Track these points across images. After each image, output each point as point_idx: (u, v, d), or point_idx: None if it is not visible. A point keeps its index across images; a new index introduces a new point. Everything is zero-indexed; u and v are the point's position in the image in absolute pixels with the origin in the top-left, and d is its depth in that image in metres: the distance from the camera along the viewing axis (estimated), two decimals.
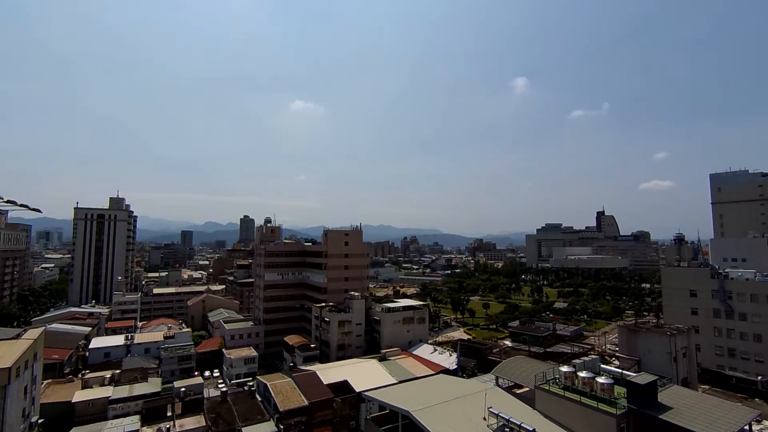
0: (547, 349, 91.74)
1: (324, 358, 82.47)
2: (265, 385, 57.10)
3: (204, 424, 49.81)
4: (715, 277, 77.88)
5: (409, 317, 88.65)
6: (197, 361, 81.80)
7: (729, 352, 75.08)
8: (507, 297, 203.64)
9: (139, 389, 59.43)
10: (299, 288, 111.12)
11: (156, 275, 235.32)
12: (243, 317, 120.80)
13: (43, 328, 61.69)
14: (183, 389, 57.30)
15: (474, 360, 79.99)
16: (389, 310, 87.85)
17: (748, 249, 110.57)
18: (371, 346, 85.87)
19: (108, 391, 57.77)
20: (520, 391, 44.53)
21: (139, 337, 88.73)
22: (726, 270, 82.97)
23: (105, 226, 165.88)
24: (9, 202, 66.67)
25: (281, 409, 51.38)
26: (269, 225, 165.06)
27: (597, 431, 33.89)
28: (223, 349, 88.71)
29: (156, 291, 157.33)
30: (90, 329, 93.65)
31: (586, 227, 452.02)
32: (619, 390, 37.32)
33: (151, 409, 52.54)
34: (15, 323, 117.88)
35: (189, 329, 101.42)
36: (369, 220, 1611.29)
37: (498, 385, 46.93)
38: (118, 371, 67.21)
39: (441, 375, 57.31)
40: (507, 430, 33.25)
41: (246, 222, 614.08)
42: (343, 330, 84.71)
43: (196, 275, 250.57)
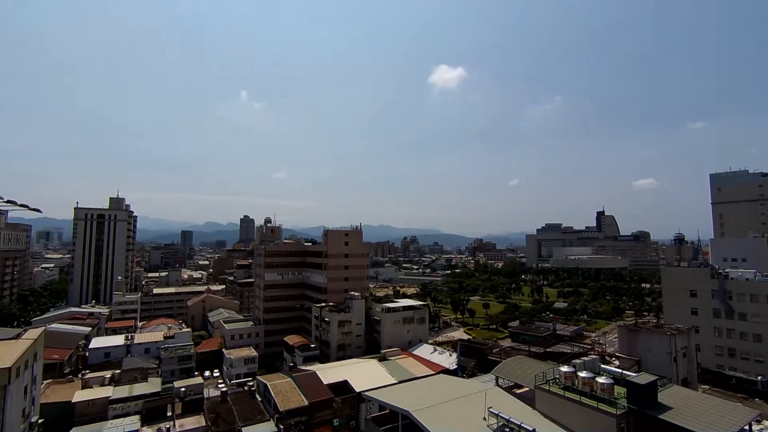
0: (547, 349, 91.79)
1: (324, 358, 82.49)
2: (265, 385, 57.12)
3: (204, 424, 49.85)
4: (715, 277, 77.80)
5: (409, 317, 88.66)
6: (197, 361, 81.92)
7: (729, 352, 75.06)
8: (507, 297, 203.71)
9: (139, 389, 59.45)
10: (299, 288, 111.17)
11: (156, 275, 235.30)
12: (243, 317, 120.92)
13: (43, 328, 61.71)
14: (183, 389, 57.37)
15: (474, 360, 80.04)
16: (389, 310, 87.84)
17: (748, 249, 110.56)
18: (371, 346, 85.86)
19: (108, 391, 57.80)
20: (520, 391, 44.51)
21: (139, 337, 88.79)
22: (726, 270, 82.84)
23: (105, 226, 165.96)
24: (9, 202, 66.63)
25: (281, 409, 51.40)
26: (269, 225, 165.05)
27: (597, 431, 33.91)
28: (223, 349, 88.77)
29: (156, 291, 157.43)
30: (90, 329, 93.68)
31: (586, 227, 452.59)
32: (619, 390, 37.30)
33: (151, 409, 52.60)
34: (15, 323, 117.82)
35: (189, 329, 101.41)
36: (369, 220, 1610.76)
37: (498, 385, 46.90)
38: (118, 371, 67.26)
39: (441, 375, 57.30)
40: (507, 430, 33.23)
41: (246, 222, 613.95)
42: (343, 330, 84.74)
43: (196, 275, 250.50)
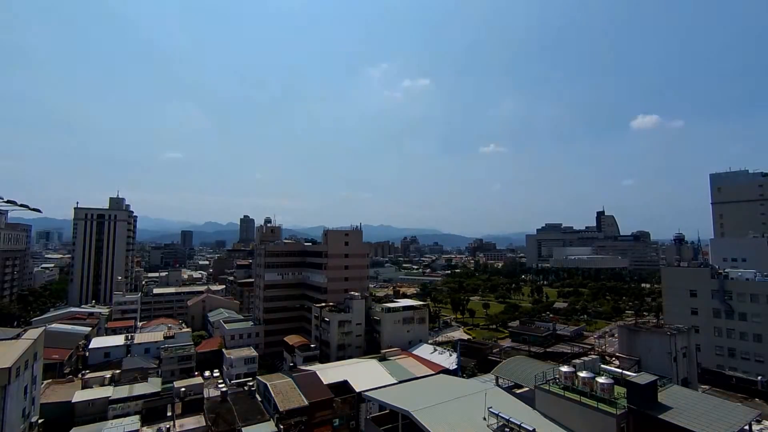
0: (547, 349, 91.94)
1: (324, 358, 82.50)
2: (265, 385, 57.06)
3: (204, 424, 49.83)
4: (715, 277, 77.77)
5: (409, 317, 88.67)
6: (197, 361, 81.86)
7: (729, 352, 75.06)
8: (507, 297, 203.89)
9: (139, 389, 59.44)
10: (299, 288, 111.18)
11: (156, 275, 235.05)
12: (243, 317, 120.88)
13: (43, 328, 61.66)
14: (183, 389, 57.37)
15: (474, 360, 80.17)
16: (389, 310, 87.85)
17: (748, 249, 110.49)
18: (371, 346, 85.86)
19: (108, 391, 57.82)
20: (520, 391, 44.51)
21: (139, 337, 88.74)
22: (726, 270, 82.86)
23: (105, 226, 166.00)
24: (9, 202, 66.60)
25: (281, 409, 51.36)
26: (269, 225, 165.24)
27: (597, 431, 33.90)
28: (223, 349, 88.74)
29: (156, 291, 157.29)
30: (90, 329, 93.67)
31: (586, 227, 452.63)
32: (619, 390, 37.28)
33: (151, 409, 52.58)
34: (15, 323, 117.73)
35: (189, 329, 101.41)
36: (369, 220, 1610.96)
37: (498, 385, 46.90)
38: (118, 371, 67.28)
39: (441, 375, 57.32)
40: (507, 430, 33.23)
41: (246, 222, 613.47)
42: (343, 330, 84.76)
43: (196, 275, 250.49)
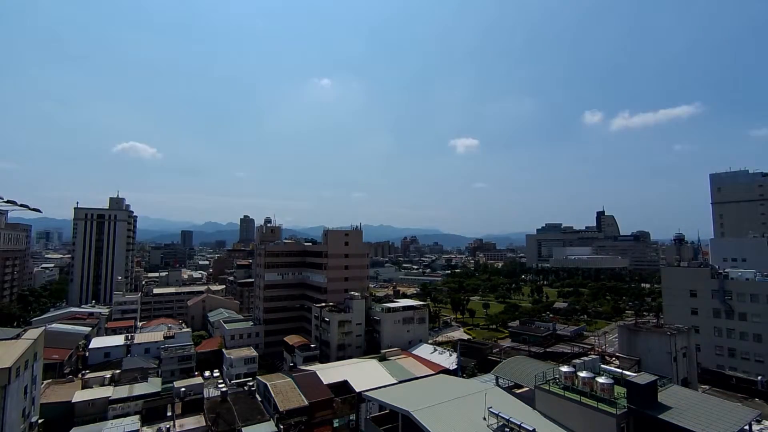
0: (547, 349, 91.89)
1: (324, 358, 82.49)
2: (265, 385, 57.10)
3: (204, 424, 49.85)
4: (715, 277, 77.80)
5: (409, 317, 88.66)
6: (197, 361, 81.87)
7: (729, 352, 75.09)
8: (507, 297, 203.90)
9: (139, 389, 59.48)
10: (299, 288, 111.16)
11: (156, 275, 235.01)
12: (243, 317, 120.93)
13: (43, 328, 61.64)
14: (183, 389, 57.40)
15: (474, 360, 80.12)
16: (389, 310, 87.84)
17: (748, 249, 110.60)
18: (371, 346, 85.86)
19: (108, 391, 57.84)
20: (520, 391, 44.50)
21: (139, 337, 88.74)
22: (726, 270, 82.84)
23: (105, 226, 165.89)
24: (9, 202, 66.69)
25: (281, 409, 51.40)
26: (269, 225, 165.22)
27: (597, 431, 33.91)
28: (223, 349, 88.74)
29: (156, 291, 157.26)
30: (90, 329, 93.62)
31: (586, 227, 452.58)
32: (619, 390, 37.26)
33: (151, 409, 52.63)
34: (15, 323, 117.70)
35: (189, 329, 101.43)
36: (369, 220, 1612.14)
37: (498, 385, 46.90)
38: (118, 371, 67.30)
39: (441, 375, 57.31)
40: (507, 430, 33.22)
41: (246, 222, 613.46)
42: (343, 330, 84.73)
43: (196, 275, 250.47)
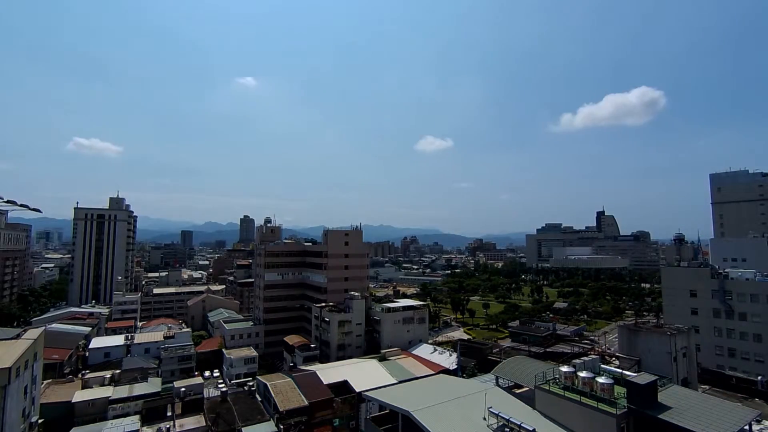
0: (547, 349, 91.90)
1: (324, 358, 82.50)
2: (265, 385, 57.10)
3: (204, 424, 49.85)
4: (715, 277, 77.80)
5: (409, 317, 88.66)
6: (197, 361, 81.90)
7: (729, 352, 75.07)
8: (507, 297, 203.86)
9: (139, 389, 59.49)
10: (299, 288, 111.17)
11: (156, 275, 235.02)
12: (243, 317, 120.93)
13: (43, 328, 61.69)
14: (183, 389, 57.42)
15: (474, 360, 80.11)
16: (389, 310, 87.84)
17: (748, 249, 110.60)
18: (371, 346, 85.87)
19: (108, 391, 57.84)
20: (520, 391, 44.50)
21: (139, 337, 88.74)
22: (726, 270, 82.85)
23: (105, 226, 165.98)
24: (9, 202, 66.78)
25: (281, 409, 51.39)
26: (269, 225, 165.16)
27: (597, 431, 33.91)
28: (223, 349, 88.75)
29: (156, 291, 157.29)
30: (90, 329, 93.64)
31: (586, 227, 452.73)
32: (619, 390, 37.26)
33: (151, 409, 52.61)
34: (15, 323, 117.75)
35: (189, 329, 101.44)
36: (369, 220, 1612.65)
37: (498, 385, 46.90)
38: (118, 371, 67.30)
39: (441, 375, 57.29)
40: (507, 430, 33.22)
41: (246, 222, 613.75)
42: (343, 330, 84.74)
43: (196, 275, 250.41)
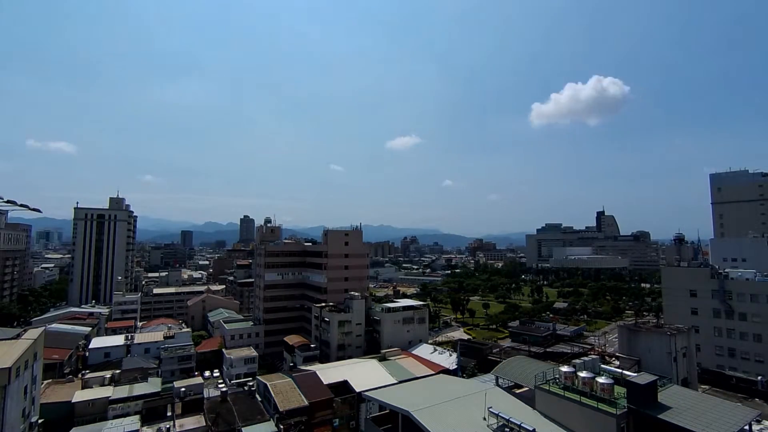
0: (547, 349, 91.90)
1: (324, 358, 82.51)
2: (265, 385, 57.13)
3: (204, 424, 49.87)
4: (715, 277, 77.81)
5: (409, 317, 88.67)
6: (197, 361, 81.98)
7: (729, 352, 75.10)
8: (507, 297, 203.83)
9: (139, 389, 59.49)
10: (299, 288, 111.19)
11: (156, 275, 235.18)
12: (243, 317, 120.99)
13: (43, 328, 61.71)
14: (183, 389, 57.46)
15: (474, 360, 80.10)
16: (389, 310, 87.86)
17: (748, 249, 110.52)
18: (371, 346, 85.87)
19: (108, 391, 57.85)
20: (520, 391, 44.56)
21: (139, 337, 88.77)
22: (726, 270, 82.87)
23: (105, 226, 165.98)
24: (9, 202, 66.80)
25: (281, 409, 51.40)
26: (269, 225, 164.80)
27: (597, 431, 33.92)
28: (223, 349, 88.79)
29: (156, 291, 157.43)
30: (90, 329, 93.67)
31: (586, 227, 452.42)
32: (619, 390, 37.26)
33: (151, 409, 52.68)
34: (15, 323, 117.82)
35: (189, 329, 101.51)
36: (369, 220, 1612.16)
37: (498, 385, 46.97)
38: (118, 371, 67.30)
39: (441, 375, 57.32)
40: (507, 430, 33.24)
41: (246, 222, 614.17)
42: (343, 330, 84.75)
43: (196, 275, 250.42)
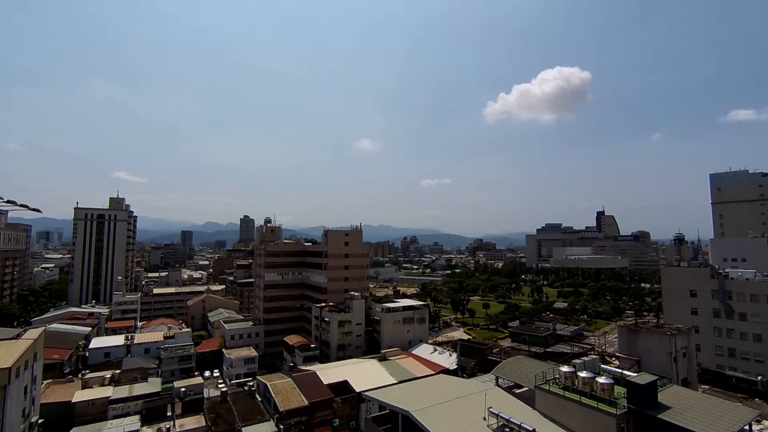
0: (547, 349, 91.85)
1: (324, 358, 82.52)
2: (265, 385, 57.12)
3: (204, 424, 49.88)
4: (715, 277, 77.83)
5: (409, 317, 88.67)
6: (197, 361, 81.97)
7: (729, 352, 75.10)
8: (507, 297, 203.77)
9: (139, 389, 59.55)
10: (299, 288, 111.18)
11: (156, 275, 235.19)
12: (243, 317, 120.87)
13: (43, 328, 61.72)
14: (183, 389, 57.53)
15: (474, 360, 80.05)
16: (389, 310, 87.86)
17: (748, 249, 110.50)
18: (371, 346, 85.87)
19: (108, 391, 57.91)
20: (520, 391, 44.53)
21: (139, 337, 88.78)
22: (726, 270, 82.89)
23: (105, 226, 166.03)
24: (9, 202, 66.77)
25: (281, 409, 51.39)
26: (269, 225, 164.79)
27: (597, 431, 33.92)
28: (223, 349, 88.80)
29: (156, 291, 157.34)
30: (90, 329, 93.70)
31: (586, 227, 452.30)
32: (619, 390, 37.28)
33: (151, 409, 52.63)
34: (15, 323, 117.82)
35: (189, 329, 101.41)
36: (369, 220, 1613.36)
37: (498, 385, 46.92)
38: (118, 371, 67.35)
39: (441, 375, 57.26)
40: (507, 430, 33.23)
41: (246, 222, 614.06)
42: (343, 330, 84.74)
43: (196, 275, 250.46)
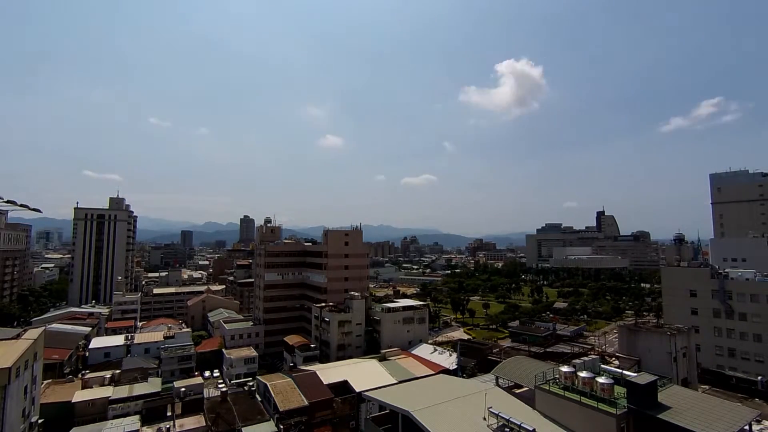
0: (547, 349, 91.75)
1: (324, 358, 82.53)
2: (265, 385, 57.13)
3: (204, 424, 49.89)
4: (715, 277, 77.79)
5: (409, 317, 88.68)
6: (197, 361, 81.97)
7: (729, 352, 75.09)
8: (507, 297, 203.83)
9: (139, 389, 59.57)
10: (299, 288, 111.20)
11: (156, 275, 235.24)
12: (243, 317, 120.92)
13: (43, 328, 61.75)
14: (183, 389, 57.52)
15: (474, 360, 80.00)
16: (389, 310, 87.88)
17: (748, 249, 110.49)
18: (371, 346, 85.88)
19: (108, 391, 57.92)
20: (520, 391, 44.53)
21: (139, 337, 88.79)
22: (726, 270, 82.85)
23: (105, 226, 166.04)
24: (9, 202, 66.73)
25: (281, 409, 51.39)
26: (269, 225, 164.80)
27: (597, 431, 33.92)
28: (223, 349, 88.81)
29: (156, 291, 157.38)
30: (90, 329, 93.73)
31: (586, 227, 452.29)
32: (619, 390, 37.28)
33: (151, 409, 52.67)
34: (15, 323, 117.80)
35: (189, 329, 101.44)
36: (369, 220, 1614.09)
37: (498, 385, 46.91)
38: (118, 371, 67.38)
39: (441, 375, 57.26)
40: (507, 430, 33.23)
41: (246, 222, 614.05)
42: (343, 330, 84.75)
43: (196, 275, 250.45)
